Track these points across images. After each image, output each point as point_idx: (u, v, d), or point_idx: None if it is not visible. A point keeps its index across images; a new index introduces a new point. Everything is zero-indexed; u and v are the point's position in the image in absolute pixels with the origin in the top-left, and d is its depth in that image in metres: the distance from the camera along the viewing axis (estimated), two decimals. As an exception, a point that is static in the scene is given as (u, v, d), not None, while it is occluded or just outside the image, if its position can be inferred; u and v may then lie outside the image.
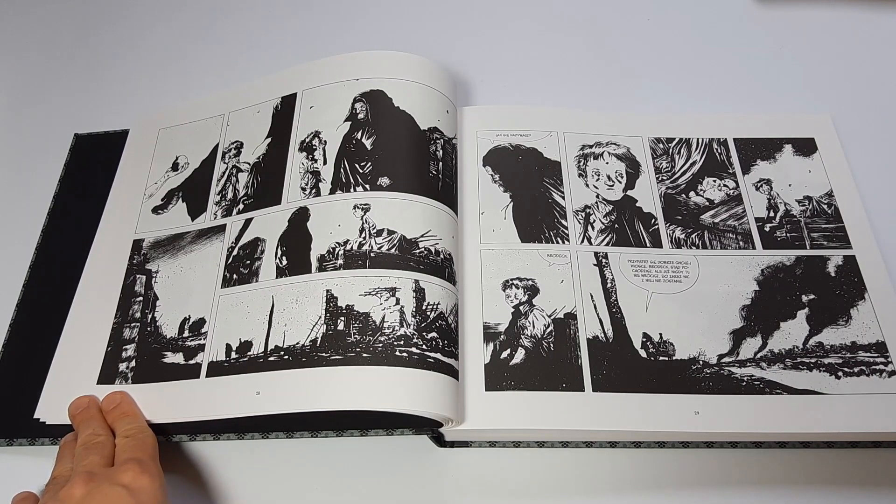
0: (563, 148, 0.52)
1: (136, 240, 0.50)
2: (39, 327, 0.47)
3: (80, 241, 0.50)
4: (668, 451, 0.42)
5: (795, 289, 0.45)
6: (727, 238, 0.47)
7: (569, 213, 0.48)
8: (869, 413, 0.40)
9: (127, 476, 0.37)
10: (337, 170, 0.47)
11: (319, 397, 0.39)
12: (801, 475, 0.41)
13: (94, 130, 0.57)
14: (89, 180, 0.54)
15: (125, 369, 0.44)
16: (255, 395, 0.41)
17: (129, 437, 0.40)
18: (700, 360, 0.42)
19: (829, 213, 0.48)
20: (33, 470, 0.43)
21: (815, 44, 0.60)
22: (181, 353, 0.44)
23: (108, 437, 0.41)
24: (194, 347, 0.44)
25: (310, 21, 0.64)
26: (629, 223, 0.48)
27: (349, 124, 0.49)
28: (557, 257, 0.46)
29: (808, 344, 0.43)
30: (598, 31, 0.62)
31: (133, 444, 0.40)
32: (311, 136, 0.49)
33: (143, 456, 0.39)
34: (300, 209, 0.46)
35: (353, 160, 0.47)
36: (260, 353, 0.42)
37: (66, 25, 0.66)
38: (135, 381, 0.44)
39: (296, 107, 0.51)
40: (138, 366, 0.44)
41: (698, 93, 0.57)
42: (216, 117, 0.54)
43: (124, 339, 0.45)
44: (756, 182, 0.50)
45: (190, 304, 0.46)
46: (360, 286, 0.42)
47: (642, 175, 0.50)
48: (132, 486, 0.36)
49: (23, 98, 0.61)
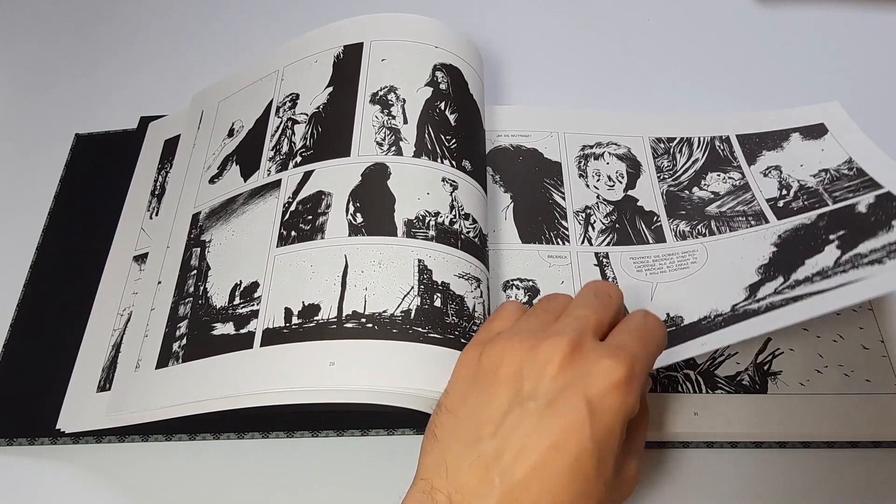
0: (564, 148, 0.52)
1: (194, 214, 0.47)
2: (40, 327, 0.47)
3: (81, 241, 0.50)
4: (668, 451, 0.42)
5: (821, 233, 0.41)
6: (736, 222, 0.46)
7: (569, 213, 0.48)
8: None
9: (604, 381, 0.29)
10: (421, 134, 0.43)
11: (415, 375, 0.35)
12: (801, 475, 0.41)
13: (94, 130, 0.57)
14: (89, 180, 0.54)
15: (177, 348, 0.40)
16: (329, 365, 0.36)
17: (644, 323, 0.32)
18: (712, 315, 0.40)
19: (850, 174, 0.45)
20: (33, 470, 0.43)
21: (816, 43, 0.60)
22: (231, 323, 0.39)
23: (618, 310, 0.34)
24: (246, 315, 0.39)
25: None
26: (630, 222, 0.48)
27: (431, 90, 0.45)
28: (558, 258, 0.46)
29: (842, 259, 0.38)
30: (597, 31, 0.62)
31: (639, 334, 0.32)
32: (385, 90, 0.45)
33: (640, 357, 0.30)
34: (378, 164, 0.42)
35: (438, 130, 0.44)
36: (332, 317, 0.37)
37: (67, 25, 0.66)
38: (184, 359, 0.39)
39: (363, 57, 0.47)
40: (188, 342, 0.40)
41: (698, 92, 0.57)
42: (270, 75, 0.51)
43: (179, 316, 0.42)
44: (764, 170, 0.49)
45: (241, 269, 0.41)
46: (454, 266, 0.39)
47: (643, 175, 0.50)
48: (598, 404, 0.29)
49: (23, 98, 0.61)
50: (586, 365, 0.29)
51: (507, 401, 0.29)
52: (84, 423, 0.42)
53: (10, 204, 0.55)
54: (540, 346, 0.30)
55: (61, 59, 0.63)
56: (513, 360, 0.30)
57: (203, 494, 0.42)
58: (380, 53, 0.47)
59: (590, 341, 0.30)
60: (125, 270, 0.48)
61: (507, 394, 0.29)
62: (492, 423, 0.29)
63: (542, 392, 0.29)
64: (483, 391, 0.30)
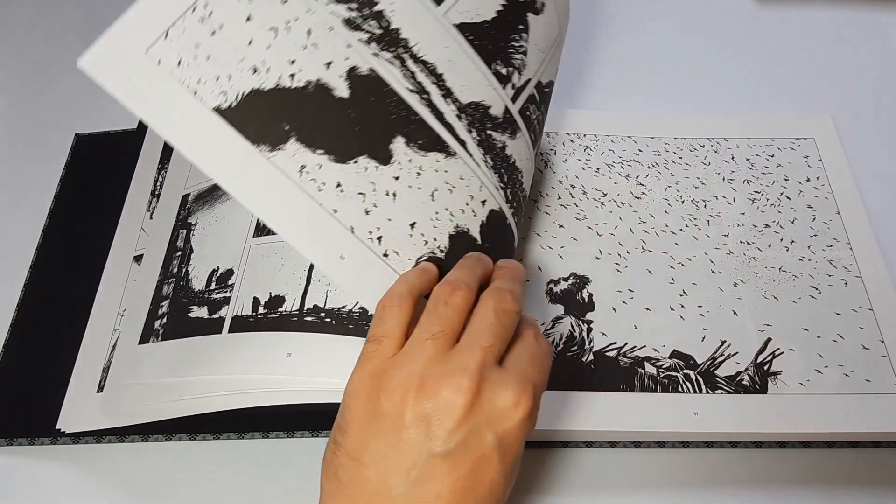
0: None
1: (184, 195, 0.47)
2: (40, 327, 0.47)
3: (81, 241, 0.50)
4: (667, 451, 0.42)
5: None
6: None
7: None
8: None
9: (512, 417, 0.29)
10: None
11: None
12: (801, 475, 0.41)
13: (94, 130, 0.57)
14: (89, 180, 0.54)
15: (158, 326, 0.42)
16: (286, 356, 0.36)
17: (537, 347, 0.32)
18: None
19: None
20: (33, 470, 0.43)
21: (816, 44, 0.60)
22: (206, 307, 0.40)
23: (516, 325, 0.32)
24: (219, 301, 0.40)
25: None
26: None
27: None
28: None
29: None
30: (597, 31, 0.62)
31: (535, 361, 0.31)
32: None
33: (539, 385, 0.30)
34: None
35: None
36: (295, 310, 0.38)
37: (67, 25, 0.66)
38: (164, 337, 0.41)
39: None
40: (168, 321, 0.41)
41: (698, 93, 0.57)
42: None
43: (161, 295, 0.43)
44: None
45: (221, 255, 0.42)
46: None
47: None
48: (506, 439, 0.29)
49: (23, 98, 0.61)
50: (493, 402, 0.29)
51: (415, 448, 0.28)
52: (84, 424, 0.42)
53: (10, 204, 0.55)
54: (443, 387, 0.28)
55: (61, 59, 0.63)
56: (417, 403, 0.29)
57: (203, 494, 0.42)
58: None
59: (493, 374, 0.29)
60: (125, 270, 0.48)
61: (415, 439, 0.28)
62: (401, 472, 0.28)
63: (451, 435, 0.28)
64: (387, 437, 0.29)
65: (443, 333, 0.30)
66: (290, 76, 0.31)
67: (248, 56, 0.30)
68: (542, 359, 0.31)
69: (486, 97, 0.37)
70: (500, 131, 0.38)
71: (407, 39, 0.34)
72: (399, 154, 0.34)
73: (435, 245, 0.35)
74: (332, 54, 0.32)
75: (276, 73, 0.30)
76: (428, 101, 0.35)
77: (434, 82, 0.35)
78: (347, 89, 0.32)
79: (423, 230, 0.35)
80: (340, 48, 0.32)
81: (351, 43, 0.32)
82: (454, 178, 0.36)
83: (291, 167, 0.31)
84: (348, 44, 0.32)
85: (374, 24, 0.33)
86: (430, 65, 0.35)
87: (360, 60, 0.33)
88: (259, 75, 0.30)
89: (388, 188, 0.34)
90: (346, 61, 0.32)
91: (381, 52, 0.33)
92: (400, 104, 0.34)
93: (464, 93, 0.36)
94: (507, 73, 0.38)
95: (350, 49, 0.32)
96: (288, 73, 0.31)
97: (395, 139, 0.34)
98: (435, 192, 0.35)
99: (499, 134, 0.38)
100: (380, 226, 0.33)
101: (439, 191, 0.35)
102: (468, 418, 0.28)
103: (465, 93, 0.36)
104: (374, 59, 0.33)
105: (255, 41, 0.30)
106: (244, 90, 0.30)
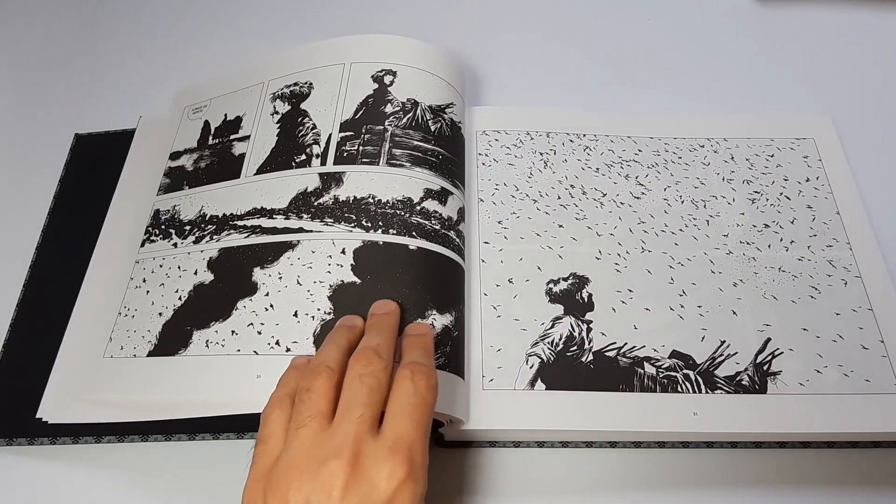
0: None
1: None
2: (40, 327, 0.47)
3: (81, 240, 0.50)
4: (667, 451, 0.42)
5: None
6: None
7: (569, 213, 0.49)
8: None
9: (389, 486, 0.30)
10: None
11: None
12: (800, 475, 0.41)
13: (94, 130, 0.57)
14: (89, 180, 0.54)
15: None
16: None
17: (414, 394, 0.32)
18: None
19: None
20: (33, 470, 0.43)
21: (816, 44, 0.60)
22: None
23: (388, 376, 0.33)
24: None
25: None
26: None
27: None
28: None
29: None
30: (597, 31, 0.62)
31: (412, 411, 0.32)
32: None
33: (417, 440, 0.31)
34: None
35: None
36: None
37: (67, 25, 0.66)
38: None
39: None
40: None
41: (698, 93, 0.57)
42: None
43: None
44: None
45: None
46: None
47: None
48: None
49: (23, 98, 0.61)
50: (369, 477, 0.30)
51: None
52: (65, 416, 0.42)
53: (10, 204, 0.55)
54: (320, 474, 0.30)
55: (61, 59, 0.63)
56: (298, 492, 0.30)
57: (203, 494, 0.42)
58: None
59: (368, 446, 0.31)
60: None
61: None
62: None
63: None
64: None
65: (312, 418, 0.32)
66: (179, 298, 0.43)
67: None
68: (417, 407, 0.32)
69: (299, 186, 0.45)
70: (326, 193, 0.44)
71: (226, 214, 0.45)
72: (260, 278, 0.42)
73: (320, 314, 0.40)
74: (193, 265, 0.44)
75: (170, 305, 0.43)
76: (260, 229, 0.44)
77: (257, 218, 0.44)
78: (211, 274, 0.43)
79: (306, 310, 0.40)
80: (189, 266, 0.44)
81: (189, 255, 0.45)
82: (307, 256, 0.42)
83: (200, 349, 0.40)
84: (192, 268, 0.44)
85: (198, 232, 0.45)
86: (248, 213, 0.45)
87: (207, 255, 0.44)
88: (163, 317, 0.43)
89: (265, 305, 0.41)
90: (203, 261, 0.44)
91: (218, 237, 0.44)
92: (245, 251, 0.43)
93: (281, 199, 0.44)
94: (307, 155, 0.46)
95: (190, 257, 0.45)
96: (175, 300, 0.43)
97: (253, 272, 0.42)
98: (298, 277, 0.41)
99: (327, 195, 0.44)
100: (273, 333, 0.40)
101: (301, 274, 0.41)
102: (347, 497, 0.29)
103: (281, 199, 0.44)
104: (215, 243, 0.44)
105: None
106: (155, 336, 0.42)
